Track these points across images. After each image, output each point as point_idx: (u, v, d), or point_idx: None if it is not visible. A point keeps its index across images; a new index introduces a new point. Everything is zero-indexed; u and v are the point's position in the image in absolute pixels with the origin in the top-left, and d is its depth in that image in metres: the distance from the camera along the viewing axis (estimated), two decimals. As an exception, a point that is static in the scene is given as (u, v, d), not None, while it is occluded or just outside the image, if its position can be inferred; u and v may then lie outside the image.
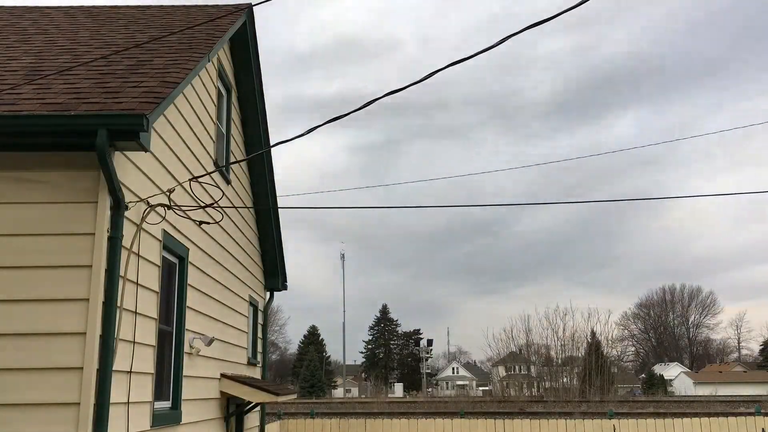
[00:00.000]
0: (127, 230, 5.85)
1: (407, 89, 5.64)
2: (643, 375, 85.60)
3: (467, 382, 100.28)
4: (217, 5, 10.74)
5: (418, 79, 5.55)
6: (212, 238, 8.98)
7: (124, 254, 5.80)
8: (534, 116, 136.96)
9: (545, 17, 4.94)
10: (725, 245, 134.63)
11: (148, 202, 6.33)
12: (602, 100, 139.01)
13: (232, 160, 10.44)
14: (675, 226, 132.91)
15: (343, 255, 78.83)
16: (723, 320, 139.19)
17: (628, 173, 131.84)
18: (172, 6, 10.80)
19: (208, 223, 8.06)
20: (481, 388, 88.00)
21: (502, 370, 62.53)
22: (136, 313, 6.11)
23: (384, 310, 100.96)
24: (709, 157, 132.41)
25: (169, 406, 7.31)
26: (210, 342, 8.34)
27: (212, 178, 8.40)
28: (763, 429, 14.36)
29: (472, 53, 5.33)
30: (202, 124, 8.62)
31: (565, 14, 4.82)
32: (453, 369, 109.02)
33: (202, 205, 7.48)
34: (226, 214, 9.40)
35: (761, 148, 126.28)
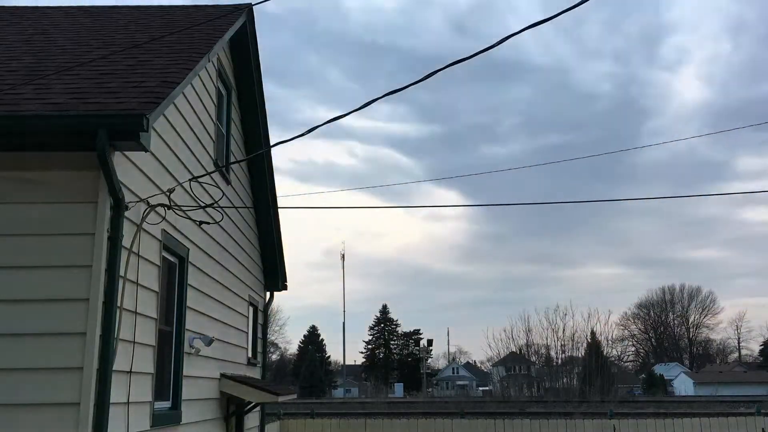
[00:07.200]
0: (127, 230, 5.85)
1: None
2: (643, 375, 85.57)
3: (467, 383, 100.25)
4: (216, 5, 10.76)
5: (417, 79, 5.58)
6: (212, 238, 8.98)
7: (124, 254, 5.80)
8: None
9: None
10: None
11: (148, 202, 6.33)
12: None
13: (232, 160, 10.45)
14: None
15: (343, 255, 78.89)
16: (723, 320, 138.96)
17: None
18: (172, 6, 10.80)
19: (208, 223, 8.08)
20: (481, 389, 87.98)
21: (502, 370, 62.57)
22: (136, 313, 6.12)
23: (384, 310, 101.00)
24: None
25: (169, 406, 7.32)
26: (210, 342, 8.34)
27: (212, 178, 8.41)
28: (763, 429, 14.37)
29: (471, 53, 5.36)
30: (202, 124, 8.62)
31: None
32: (453, 369, 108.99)
33: (202, 205, 7.49)
34: (226, 214, 9.41)
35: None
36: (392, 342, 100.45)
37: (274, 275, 13.55)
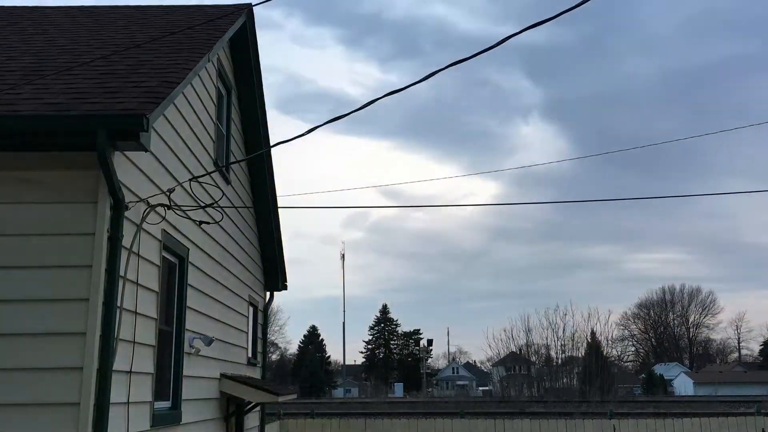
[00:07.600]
0: (127, 230, 5.85)
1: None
2: (643, 375, 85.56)
3: (467, 383, 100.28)
4: (216, 5, 10.76)
5: (417, 79, 5.58)
6: (212, 238, 8.99)
7: (124, 254, 5.80)
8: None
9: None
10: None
11: (148, 202, 6.33)
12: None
13: (232, 160, 10.45)
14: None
15: (343, 255, 78.90)
16: (723, 320, 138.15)
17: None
18: (172, 6, 10.80)
19: (208, 223, 8.08)
20: (481, 389, 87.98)
21: (502, 370, 62.57)
22: (136, 313, 6.12)
23: (384, 310, 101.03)
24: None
25: (169, 406, 7.32)
26: (210, 342, 8.35)
27: (212, 178, 8.41)
28: (763, 429, 14.37)
29: (471, 54, 5.37)
30: (202, 124, 8.63)
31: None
32: (453, 369, 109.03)
33: (202, 205, 7.49)
34: (226, 214, 9.41)
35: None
36: (392, 342, 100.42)
37: (274, 275, 13.55)
